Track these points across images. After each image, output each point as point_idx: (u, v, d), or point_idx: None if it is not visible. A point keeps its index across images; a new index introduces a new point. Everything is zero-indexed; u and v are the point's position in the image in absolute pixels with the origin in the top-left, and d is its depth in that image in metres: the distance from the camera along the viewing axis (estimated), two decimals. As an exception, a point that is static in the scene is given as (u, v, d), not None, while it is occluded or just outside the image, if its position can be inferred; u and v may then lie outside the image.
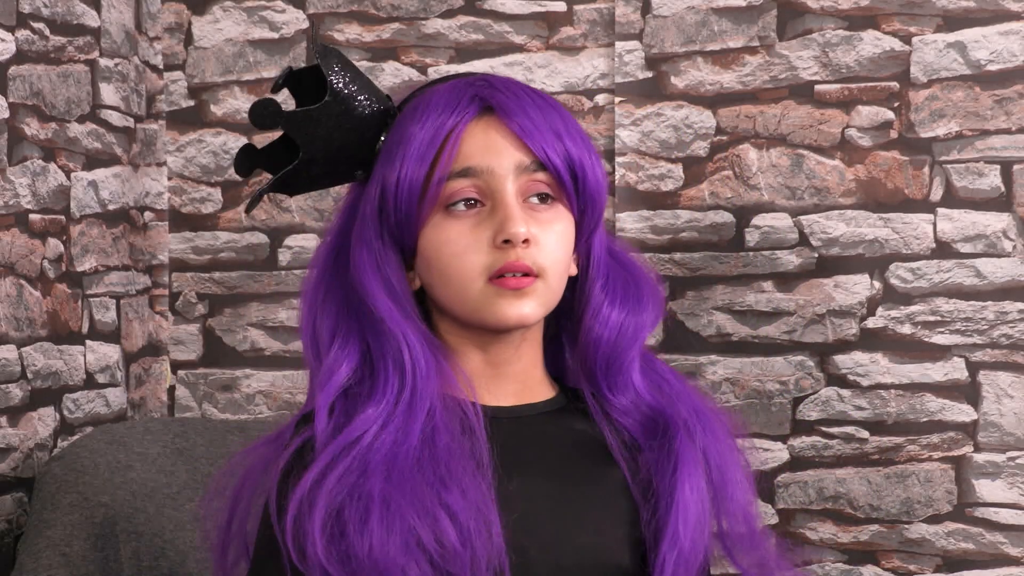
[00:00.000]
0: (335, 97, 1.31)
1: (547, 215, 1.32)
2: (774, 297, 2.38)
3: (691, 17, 2.40)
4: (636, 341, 1.38)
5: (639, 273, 1.41)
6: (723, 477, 1.37)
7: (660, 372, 1.42)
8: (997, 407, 2.32)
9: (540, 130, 1.30)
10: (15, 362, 2.10)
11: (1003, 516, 2.32)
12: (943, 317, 2.33)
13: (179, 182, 2.56)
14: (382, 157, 1.33)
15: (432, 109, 1.31)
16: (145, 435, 2.06)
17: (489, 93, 1.32)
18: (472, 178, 1.29)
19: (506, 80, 1.35)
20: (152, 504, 2.01)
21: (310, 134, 1.31)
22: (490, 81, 1.34)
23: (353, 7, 2.51)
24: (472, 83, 1.34)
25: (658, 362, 1.43)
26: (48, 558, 1.94)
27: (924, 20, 2.33)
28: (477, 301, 1.30)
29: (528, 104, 1.31)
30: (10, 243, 2.09)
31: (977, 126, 2.32)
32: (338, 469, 1.25)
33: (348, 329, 1.32)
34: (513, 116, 1.30)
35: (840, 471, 2.36)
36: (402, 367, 1.30)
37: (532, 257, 1.29)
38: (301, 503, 1.24)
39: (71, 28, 2.26)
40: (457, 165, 1.29)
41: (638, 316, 1.38)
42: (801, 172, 2.38)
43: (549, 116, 1.31)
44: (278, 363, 2.55)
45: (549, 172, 1.31)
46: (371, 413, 1.28)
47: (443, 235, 1.30)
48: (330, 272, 1.35)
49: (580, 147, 1.32)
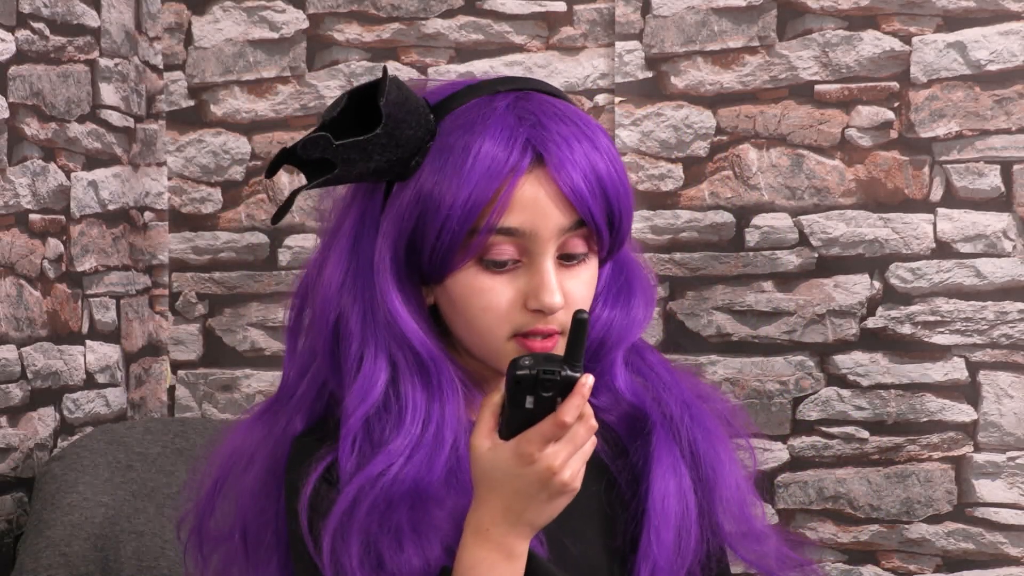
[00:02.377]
0: (385, 128, 1.26)
1: (578, 269, 1.28)
2: (774, 297, 2.38)
3: (691, 17, 2.40)
4: (621, 343, 1.35)
5: (633, 270, 1.38)
6: (715, 472, 1.34)
7: (650, 364, 1.38)
8: (997, 407, 2.32)
9: (587, 184, 1.24)
10: (15, 362, 2.10)
11: (1003, 516, 2.32)
12: (943, 317, 2.33)
13: (179, 182, 2.56)
14: (427, 179, 1.26)
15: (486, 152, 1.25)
16: (145, 435, 2.06)
17: (540, 138, 1.25)
18: (516, 237, 1.25)
19: (551, 109, 1.28)
20: (152, 504, 2.01)
21: (352, 159, 1.28)
22: (538, 117, 1.27)
23: (353, 7, 2.51)
24: (522, 117, 1.27)
25: (650, 353, 1.39)
26: (48, 558, 1.94)
27: (924, 20, 2.33)
28: (498, 353, 1.28)
29: (575, 148, 1.25)
30: (10, 243, 2.09)
31: (977, 126, 2.32)
32: (366, 502, 1.25)
33: (376, 342, 1.29)
34: (563, 171, 1.24)
35: (840, 471, 2.36)
36: (428, 389, 1.28)
37: (560, 319, 1.26)
38: (335, 537, 1.24)
39: (71, 28, 2.26)
40: (504, 222, 1.24)
41: (628, 315, 1.35)
42: (801, 172, 2.38)
43: (592, 156, 1.26)
44: (278, 363, 2.54)
45: (590, 228, 1.27)
46: (398, 444, 1.26)
47: (475, 285, 1.26)
48: (352, 274, 1.31)
49: (619, 185, 1.27)
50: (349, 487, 1.25)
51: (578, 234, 1.27)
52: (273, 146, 2.53)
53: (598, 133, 1.28)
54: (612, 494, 1.33)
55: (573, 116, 1.28)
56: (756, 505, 1.37)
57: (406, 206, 1.27)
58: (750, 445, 1.41)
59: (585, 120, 1.29)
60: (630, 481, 1.33)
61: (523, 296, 1.26)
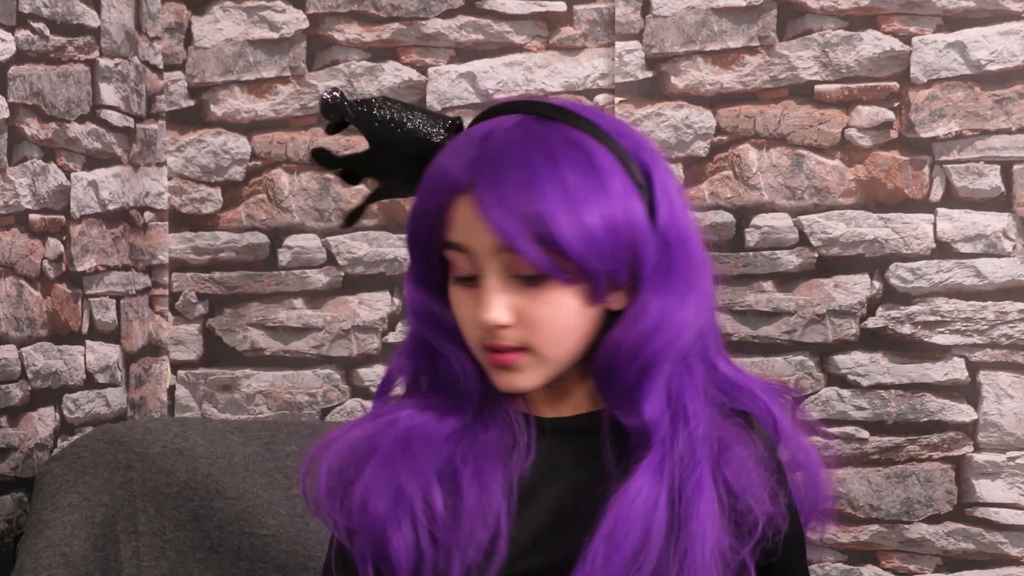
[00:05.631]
0: (376, 146, 1.35)
1: (540, 290, 1.28)
2: (774, 297, 2.38)
3: (691, 17, 2.40)
4: (669, 349, 1.30)
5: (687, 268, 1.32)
6: (685, 524, 1.28)
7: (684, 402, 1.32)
8: (997, 407, 2.32)
9: (511, 211, 1.23)
10: (15, 362, 2.10)
11: (1003, 516, 2.32)
12: (943, 317, 2.33)
13: (179, 182, 2.56)
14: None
15: (437, 167, 1.29)
16: (145, 435, 2.06)
17: (480, 163, 1.26)
18: (463, 252, 1.28)
19: (525, 136, 1.27)
20: (152, 504, 2.01)
21: (376, 171, 1.38)
22: (499, 143, 1.27)
23: (353, 7, 2.51)
24: (484, 140, 1.28)
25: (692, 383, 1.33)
26: (48, 558, 1.94)
27: (924, 20, 2.33)
28: (482, 364, 1.33)
29: (514, 176, 1.24)
30: (10, 243, 2.09)
31: (977, 126, 2.32)
32: (362, 427, 1.34)
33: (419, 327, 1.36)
34: (484, 196, 1.25)
35: (840, 471, 2.36)
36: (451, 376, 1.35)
37: (516, 336, 1.28)
38: (318, 450, 1.32)
39: (71, 28, 2.26)
40: (447, 237, 1.29)
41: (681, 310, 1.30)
42: (801, 172, 2.38)
43: (539, 188, 1.24)
44: (278, 363, 2.54)
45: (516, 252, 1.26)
46: (415, 401, 1.35)
47: (454, 298, 1.32)
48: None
49: (574, 223, 1.24)
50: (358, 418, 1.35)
51: (521, 258, 1.26)
52: (273, 146, 2.53)
53: (579, 168, 1.25)
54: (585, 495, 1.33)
55: (553, 146, 1.26)
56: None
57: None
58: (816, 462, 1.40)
59: (571, 153, 1.26)
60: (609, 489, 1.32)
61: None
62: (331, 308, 2.52)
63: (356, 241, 2.50)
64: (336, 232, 2.51)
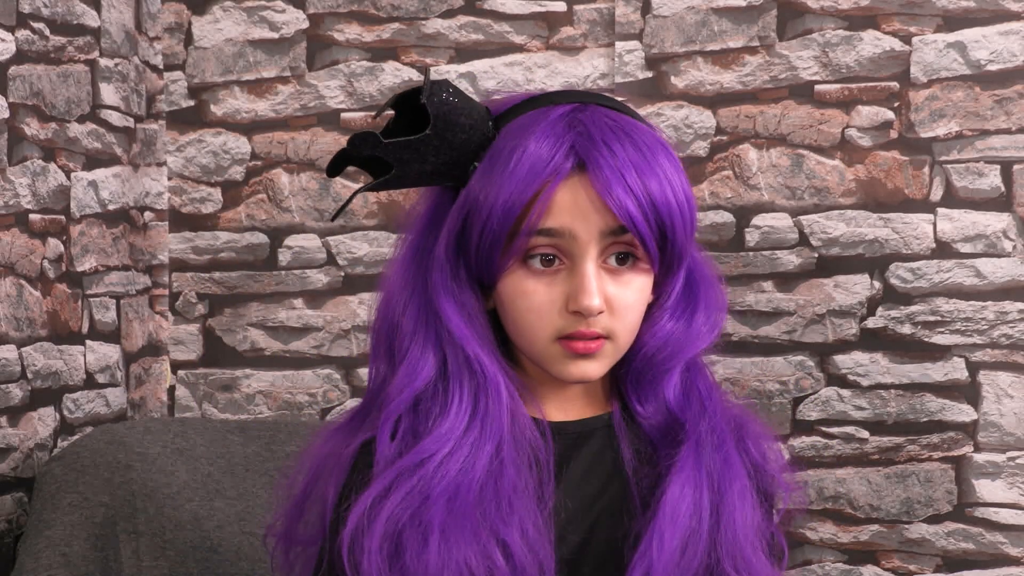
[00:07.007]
0: (435, 129, 1.30)
1: (626, 276, 1.30)
2: (774, 297, 2.38)
3: (691, 17, 2.40)
4: (678, 356, 1.36)
5: (702, 286, 1.38)
6: (722, 500, 1.33)
7: (697, 389, 1.39)
8: (997, 407, 2.32)
9: (628, 191, 1.25)
10: (15, 362, 2.10)
11: (1003, 516, 2.32)
12: (943, 317, 2.33)
13: (179, 182, 2.56)
14: (475, 182, 1.30)
15: (528, 155, 1.27)
16: (145, 435, 2.06)
17: (585, 147, 1.27)
18: (556, 239, 1.27)
19: (603, 121, 1.29)
20: (152, 504, 2.01)
21: (406, 160, 1.31)
22: (587, 127, 1.28)
23: (353, 7, 2.51)
24: (571, 125, 1.29)
25: (702, 380, 1.40)
26: (48, 558, 1.94)
27: (924, 20, 2.33)
28: (544, 355, 1.31)
29: (620, 157, 1.26)
30: (10, 243, 2.09)
31: (977, 126, 2.32)
32: (401, 490, 1.27)
33: (426, 337, 1.32)
34: (603, 178, 1.25)
35: (840, 471, 2.36)
36: (475, 389, 1.31)
37: (604, 323, 1.29)
38: (361, 519, 1.26)
39: (71, 28, 2.26)
40: (543, 223, 1.27)
41: (688, 330, 1.36)
42: (801, 172, 2.38)
43: (644, 169, 1.26)
44: (278, 363, 2.54)
45: (633, 236, 1.27)
46: (440, 434, 1.29)
47: (520, 287, 1.29)
48: (413, 272, 1.35)
49: (673, 203, 1.27)
50: (388, 471, 1.27)
51: (622, 241, 1.28)
52: (273, 146, 2.53)
53: (656, 149, 1.29)
54: (623, 496, 1.34)
55: (630, 129, 1.29)
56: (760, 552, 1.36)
57: (456, 208, 1.31)
58: (785, 486, 1.42)
59: (644, 135, 1.29)
60: (650, 487, 1.33)
61: (565, 298, 1.28)
62: (331, 308, 2.52)
63: (356, 241, 2.50)
64: (336, 232, 2.51)
